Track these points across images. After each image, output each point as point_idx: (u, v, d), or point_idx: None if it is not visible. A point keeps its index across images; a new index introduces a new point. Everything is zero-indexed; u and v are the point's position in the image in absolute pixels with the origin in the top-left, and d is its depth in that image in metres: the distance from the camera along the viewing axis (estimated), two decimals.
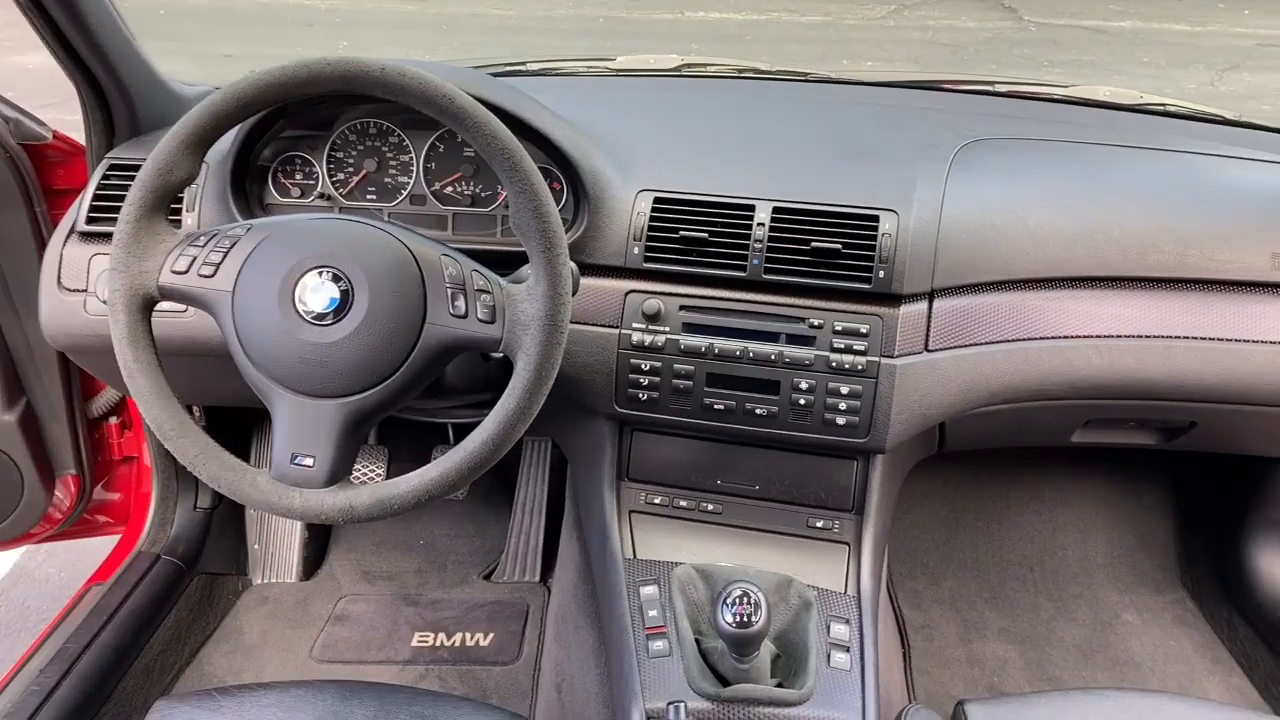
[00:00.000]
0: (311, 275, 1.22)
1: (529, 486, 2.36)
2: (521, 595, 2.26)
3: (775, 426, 1.54)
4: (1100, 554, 2.35)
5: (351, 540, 2.42)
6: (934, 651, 2.11)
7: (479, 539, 2.42)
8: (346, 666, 2.05)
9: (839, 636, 1.48)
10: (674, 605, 1.48)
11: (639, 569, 1.57)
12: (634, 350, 1.54)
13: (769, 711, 1.36)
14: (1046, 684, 2.03)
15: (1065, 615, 2.22)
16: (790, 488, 1.62)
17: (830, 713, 1.37)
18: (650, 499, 1.66)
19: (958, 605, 2.24)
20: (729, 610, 1.29)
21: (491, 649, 2.11)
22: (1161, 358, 1.57)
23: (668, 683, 1.40)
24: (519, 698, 1.97)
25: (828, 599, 1.53)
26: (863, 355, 1.49)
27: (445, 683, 2.01)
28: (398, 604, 2.23)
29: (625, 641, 1.47)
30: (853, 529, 1.61)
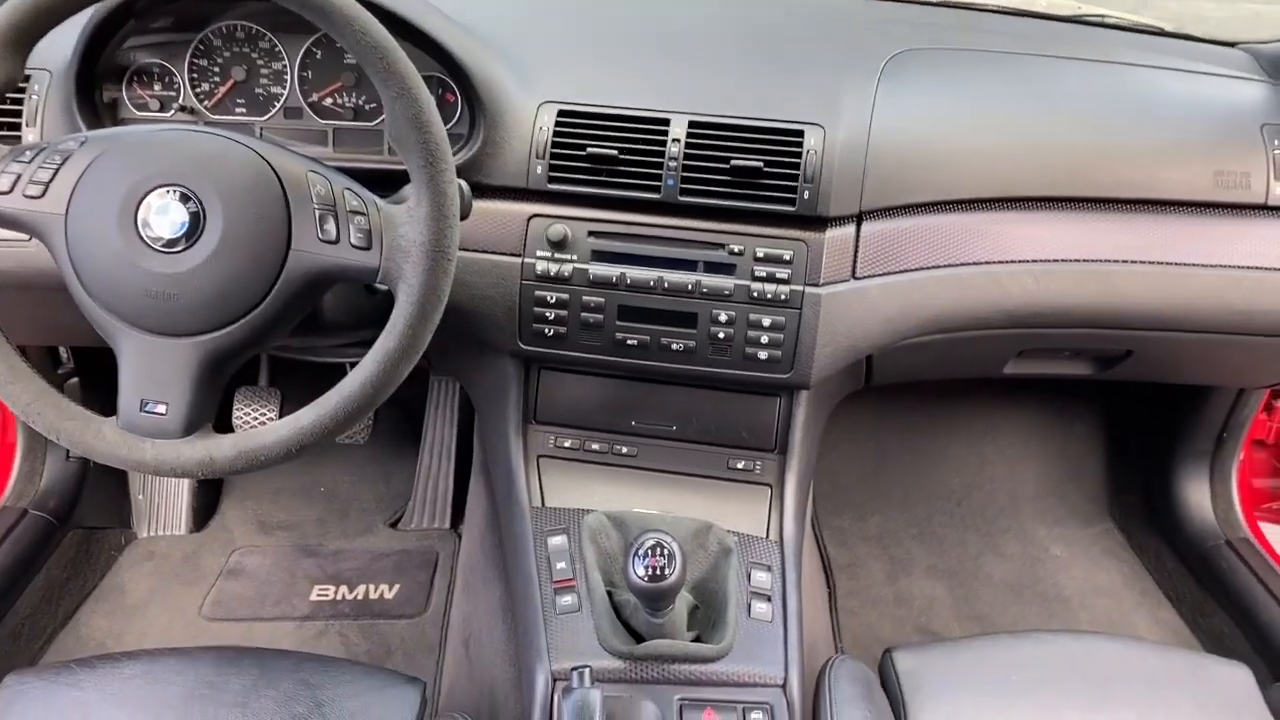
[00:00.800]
0: (156, 195, 1.07)
1: (437, 427, 2.22)
2: (430, 544, 2.14)
3: (693, 362, 1.42)
4: (1029, 486, 2.29)
5: (247, 488, 2.27)
6: (860, 591, 2.04)
7: (384, 484, 2.28)
8: (239, 625, 1.91)
9: (760, 585, 1.38)
10: (584, 556, 1.37)
11: (547, 518, 1.45)
12: (538, 281, 1.40)
13: (685, 669, 1.26)
14: (975, 623, 1.97)
15: (994, 550, 2.16)
16: (709, 427, 1.51)
17: (750, 667, 1.27)
18: (559, 442, 1.53)
19: (884, 542, 2.17)
20: (640, 563, 1.18)
21: (397, 601, 1.98)
22: (1100, 282, 1.48)
23: (576, 640, 1.29)
24: (425, 652, 1.85)
25: (749, 545, 1.43)
26: (785, 284, 1.37)
27: (346, 639, 1.88)
28: (296, 556, 2.09)
29: (530, 596, 1.35)
30: (775, 470, 1.51)
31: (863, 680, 1.32)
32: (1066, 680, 1.34)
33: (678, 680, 1.26)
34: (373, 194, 1.11)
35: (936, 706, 1.31)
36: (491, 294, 1.41)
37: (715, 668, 1.26)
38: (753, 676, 1.27)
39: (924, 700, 1.32)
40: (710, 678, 1.26)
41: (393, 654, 1.85)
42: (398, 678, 1.35)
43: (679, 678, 1.26)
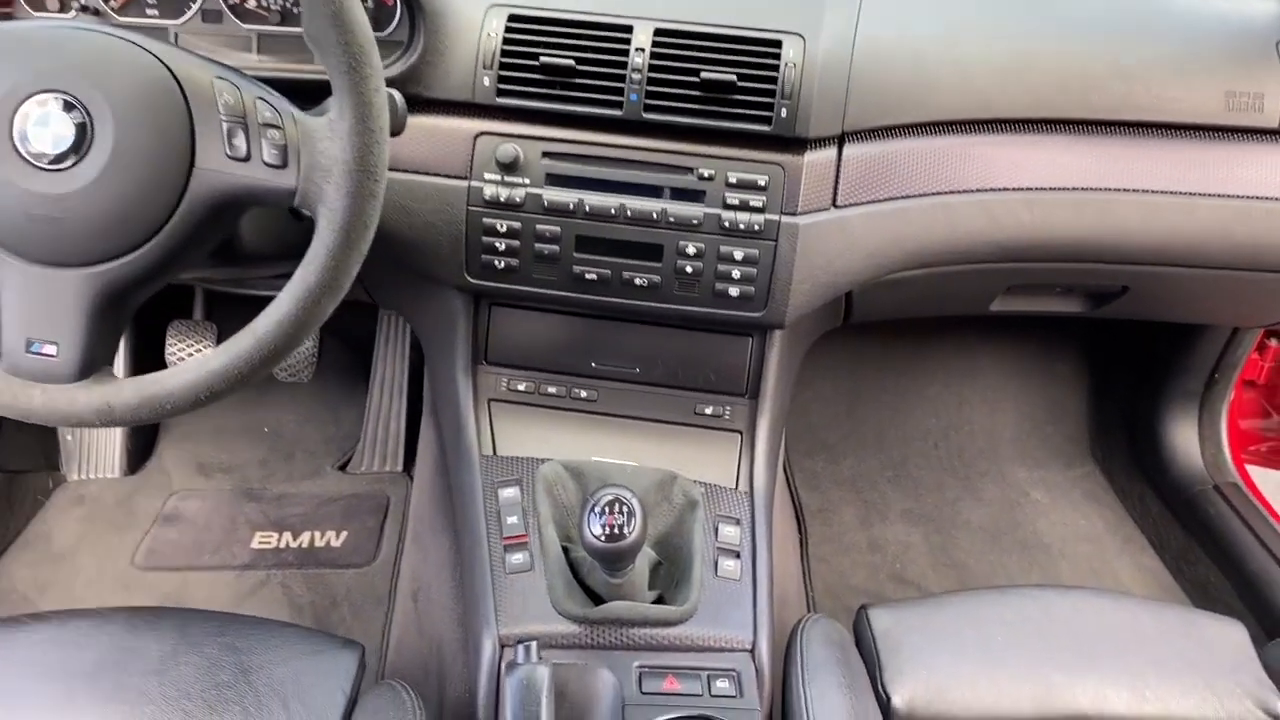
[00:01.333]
0: (34, 102, 0.93)
1: (387, 363, 2.09)
2: (381, 487, 2.02)
3: (658, 299, 1.29)
4: (1009, 427, 2.20)
5: (186, 428, 2.13)
6: (833, 537, 1.95)
7: (333, 424, 2.15)
8: (174, 575, 1.79)
9: (728, 540, 1.28)
10: (538, 510, 1.26)
11: (498, 467, 1.34)
12: (487, 207, 1.27)
13: (646, 633, 1.16)
14: (952, 571, 1.89)
15: (971, 494, 2.08)
16: (675, 370, 1.39)
17: (716, 630, 1.18)
18: (513, 385, 1.41)
19: (858, 486, 2.08)
20: (597, 520, 1.08)
21: (345, 550, 1.87)
22: (1099, 213, 1.36)
23: (527, 603, 1.18)
24: (373, 605, 1.75)
25: (716, 496, 1.32)
26: (760, 213, 1.24)
27: (289, 590, 1.77)
28: (238, 500, 1.97)
29: (478, 554, 1.24)
30: (746, 415, 1.40)
31: (837, 642, 1.23)
32: (1052, 639, 1.26)
33: (637, 645, 1.16)
34: (291, 105, 0.97)
35: (915, 669, 1.22)
36: (434, 221, 1.28)
37: (679, 631, 1.17)
38: (719, 640, 1.17)
39: (902, 662, 1.23)
40: (673, 642, 1.16)
41: (338, 606, 1.75)
42: (333, 641, 1.24)
43: (639, 643, 1.16)
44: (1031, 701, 1.21)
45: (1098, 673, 1.23)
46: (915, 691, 1.21)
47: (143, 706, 1.13)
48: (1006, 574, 1.89)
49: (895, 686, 1.20)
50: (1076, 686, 1.22)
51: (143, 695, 1.14)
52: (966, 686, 1.22)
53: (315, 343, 2.00)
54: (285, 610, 1.73)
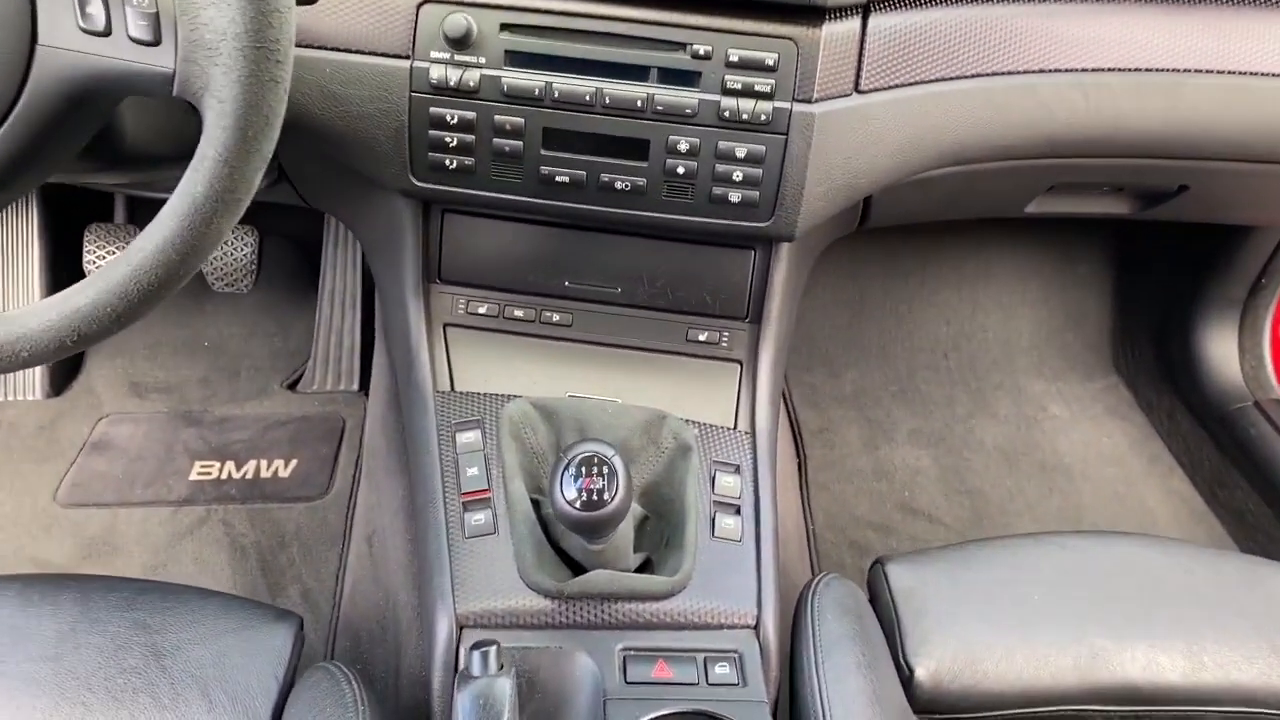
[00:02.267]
0: None
1: (337, 271, 1.86)
2: (335, 409, 1.82)
3: (643, 207, 1.08)
4: (1025, 335, 2.01)
5: (117, 343, 1.91)
6: (834, 461, 1.77)
7: (281, 338, 1.94)
8: (101, 512, 1.60)
9: (727, 492, 1.09)
10: (502, 458, 1.07)
11: (456, 406, 1.14)
12: (434, 94, 1.04)
13: (632, 608, 0.98)
14: (965, 498, 1.72)
15: (985, 410, 1.90)
16: (664, 289, 1.18)
17: (714, 603, 1.00)
18: (472, 308, 1.20)
19: (861, 403, 1.90)
20: (571, 483, 0.89)
21: (294, 480, 1.68)
22: (1166, 98, 1.15)
23: (490, 573, 1.00)
24: (326, 545, 1.57)
25: (713, 438, 1.13)
26: (768, 100, 1.02)
27: (231, 528, 1.58)
28: (175, 425, 1.77)
29: (432, 514, 1.05)
30: (746, 342, 1.20)
31: (853, 611, 1.06)
32: (1097, 597, 1.11)
33: (622, 623, 0.98)
34: None
35: (942, 637, 1.06)
36: (370, 112, 1.05)
37: (670, 605, 0.99)
38: (717, 615, 1.00)
39: (927, 629, 1.07)
40: (663, 619, 0.99)
41: (286, 546, 1.57)
42: (263, 613, 1.06)
43: (623, 620, 0.98)
44: (1075, 671, 1.07)
45: (1149, 637, 1.08)
46: (942, 663, 1.05)
47: (33, 698, 0.96)
48: (1025, 500, 1.72)
49: (919, 658, 1.05)
50: (1125, 652, 1.07)
51: (34, 684, 0.97)
52: (1000, 655, 1.07)
53: (254, 248, 1.77)
54: (226, 552, 1.55)
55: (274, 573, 1.53)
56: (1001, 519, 1.68)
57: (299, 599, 1.49)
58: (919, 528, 1.66)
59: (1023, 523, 1.68)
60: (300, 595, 1.50)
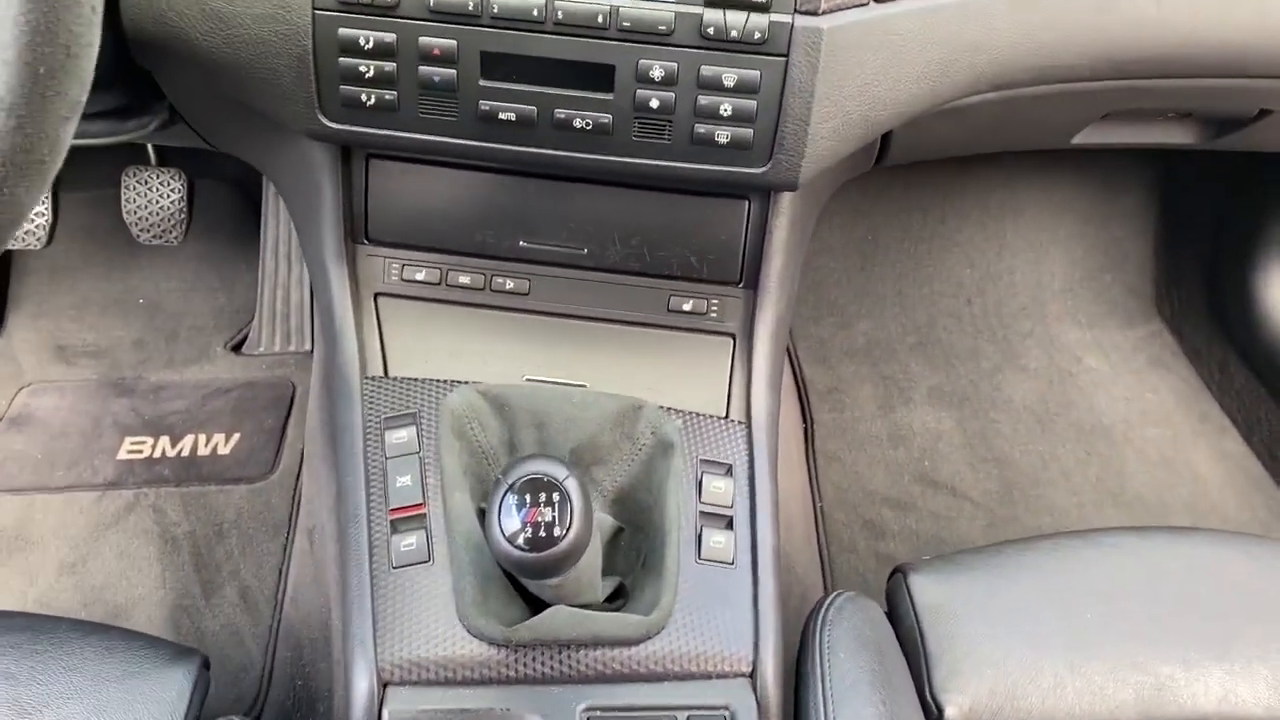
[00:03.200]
0: None
1: (280, 218, 1.65)
2: (284, 373, 1.62)
3: (609, 151, 0.87)
4: (1057, 278, 1.80)
5: (40, 301, 1.71)
6: (845, 426, 1.58)
7: (224, 293, 1.74)
8: (14, 499, 1.42)
9: (716, 500, 0.90)
10: (442, 463, 0.88)
11: (389, 396, 0.94)
12: (343, 11, 0.82)
13: (598, 655, 0.80)
14: (993, 467, 1.53)
15: (1013, 364, 1.70)
16: (640, 248, 0.98)
17: (699, 646, 0.82)
18: (408, 274, 1.00)
19: (875, 357, 1.69)
20: (512, 514, 0.70)
21: (235, 458, 1.49)
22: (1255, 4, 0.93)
23: (422, 615, 0.81)
24: (267, 534, 1.38)
25: (700, 431, 0.94)
26: (763, 11, 0.80)
27: (162, 516, 1.40)
28: (104, 395, 1.57)
29: (353, 539, 0.86)
30: (740, 311, 1.00)
31: (871, 643, 0.87)
32: (1165, 613, 0.95)
33: (585, 676, 0.80)
34: None
35: (978, 666, 0.89)
36: (266, 35, 0.83)
37: (645, 651, 0.81)
38: (704, 661, 0.81)
39: (959, 658, 0.89)
40: (637, 668, 0.80)
41: (224, 537, 1.38)
42: (156, 655, 0.88)
43: (587, 672, 0.80)
44: (1137, 706, 0.91)
45: (1225, 660, 0.93)
46: (977, 699, 0.89)
47: None
48: (1060, 468, 1.53)
49: (949, 693, 0.88)
50: (1197, 683, 0.92)
51: None
52: (1048, 688, 0.90)
53: (182, 193, 1.55)
54: (155, 544, 1.36)
55: (209, 568, 1.35)
56: (1034, 491, 1.49)
57: (236, 599, 1.31)
58: (941, 503, 1.47)
59: (1058, 494, 1.49)
60: (238, 595, 1.32)
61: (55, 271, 1.73)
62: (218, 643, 1.27)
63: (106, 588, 1.32)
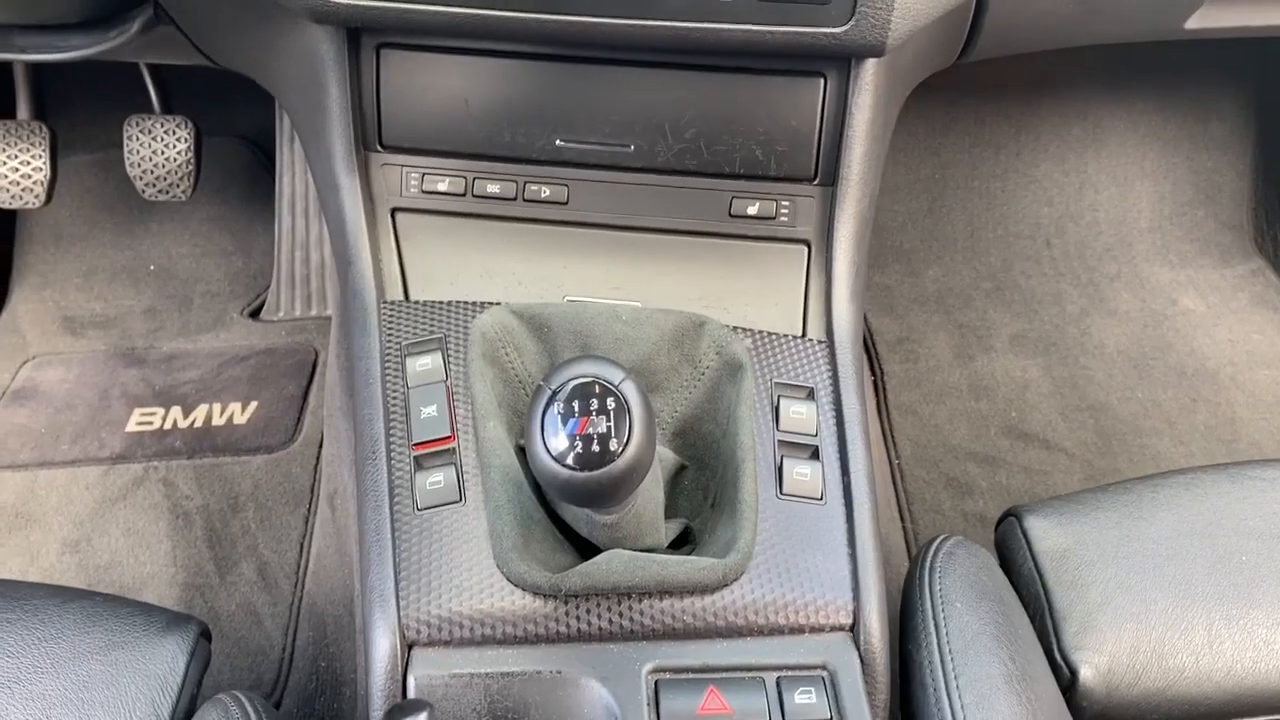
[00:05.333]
0: None
1: (297, 171, 1.52)
2: (305, 339, 1.50)
3: (657, 13, 0.73)
4: (1145, 213, 1.64)
5: (46, 270, 1.61)
6: (920, 378, 1.43)
7: (240, 257, 1.62)
8: (19, 475, 1.30)
9: (798, 428, 0.76)
10: (472, 391, 0.74)
11: (410, 321, 0.81)
12: None
13: (664, 607, 0.66)
14: (1089, 416, 1.37)
15: (1101, 308, 1.54)
16: (696, 141, 0.84)
17: (787, 594, 0.68)
18: (429, 184, 0.87)
19: (948, 305, 1.54)
20: (558, 428, 0.56)
21: (253, 427, 1.37)
22: None
23: (453, 564, 0.68)
24: (288, 506, 1.26)
25: (773, 352, 0.80)
26: None
27: (173, 490, 1.28)
28: (113, 366, 1.46)
29: (371, 478, 0.73)
30: (816, 213, 0.86)
31: (990, 594, 0.74)
32: None
33: (651, 632, 0.66)
34: None
35: (1118, 624, 0.75)
36: None
37: (723, 601, 0.67)
38: (794, 613, 0.67)
39: (1092, 611, 0.77)
40: (712, 621, 0.67)
41: (240, 510, 1.26)
42: (148, 623, 0.77)
43: (653, 626, 0.66)
44: None
45: None
46: (1116, 659, 0.75)
47: None
48: (1163, 415, 1.37)
49: (1082, 652, 0.76)
50: None
51: None
52: (1201, 645, 0.78)
53: (189, 144, 1.43)
54: (166, 519, 1.25)
55: (224, 544, 1.22)
56: (1136, 441, 1.33)
57: (254, 576, 1.19)
58: (1032, 456, 1.31)
59: (1163, 443, 1.33)
60: (256, 571, 1.19)
61: (61, 239, 1.62)
62: (234, 623, 1.15)
63: (113, 566, 1.20)
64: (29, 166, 1.40)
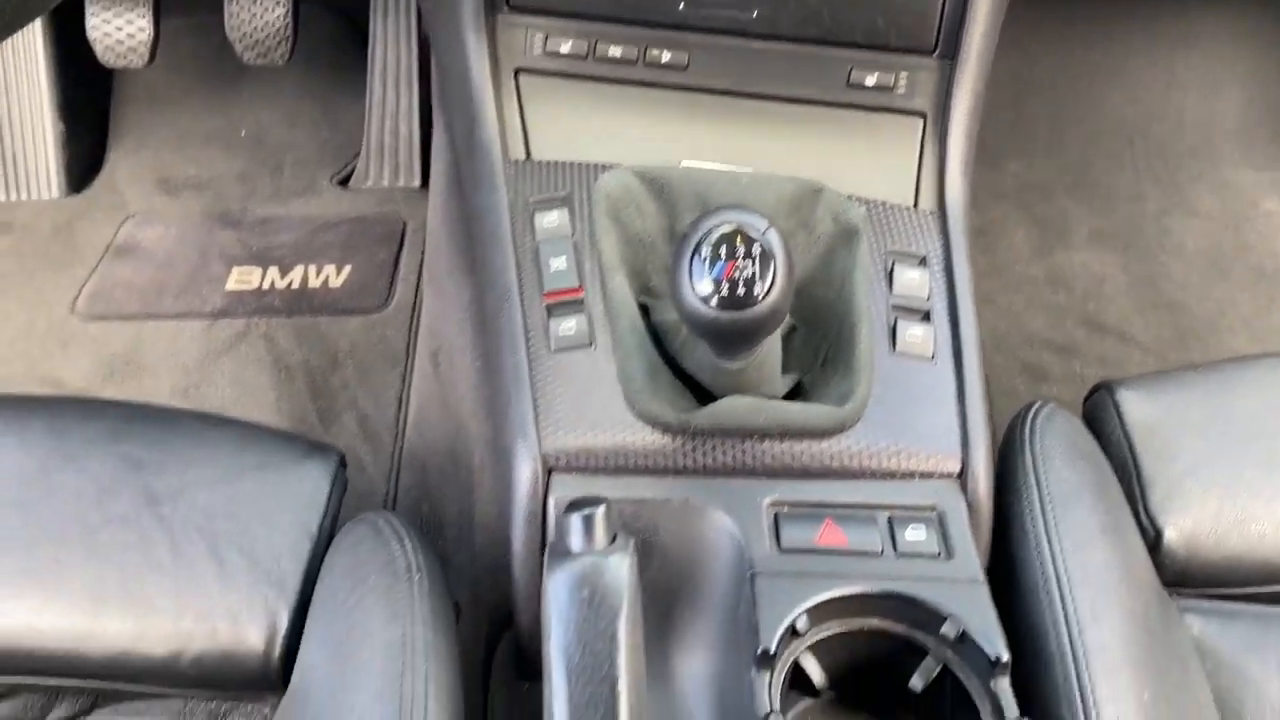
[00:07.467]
0: None
1: (389, 41, 1.54)
2: (394, 208, 1.54)
3: None
4: (1232, 115, 1.63)
5: (142, 134, 1.65)
6: (999, 268, 1.45)
7: (328, 127, 1.65)
8: (126, 325, 1.37)
9: (911, 292, 0.80)
10: (599, 247, 0.78)
11: (535, 179, 0.85)
12: None
13: (783, 449, 0.70)
14: (1165, 312, 1.39)
15: (1182, 207, 1.54)
16: (819, 9, 0.85)
17: (900, 442, 0.72)
18: (553, 45, 0.89)
19: (1027, 199, 1.55)
20: (704, 271, 0.59)
21: (347, 290, 1.42)
22: None
23: (586, 400, 0.72)
24: (386, 365, 1.31)
25: (887, 220, 0.84)
26: None
27: (274, 345, 1.34)
28: (210, 226, 1.51)
29: (506, 320, 0.77)
30: (933, 86, 0.88)
31: (1086, 454, 0.77)
32: None
33: (772, 469, 0.70)
34: None
35: (1203, 489, 0.79)
36: None
37: (839, 445, 0.71)
38: (907, 459, 0.72)
39: (1178, 477, 0.81)
40: (830, 464, 0.71)
41: (340, 366, 1.32)
42: (292, 449, 0.82)
43: (774, 465, 0.71)
44: None
45: None
46: (1200, 522, 0.79)
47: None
48: (1239, 315, 1.39)
49: (1168, 514, 0.79)
50: None
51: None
52: None
53: (288, 10, 1.45)
54: (269, 372, 1.31)
55: (325, 397, 1.29)
56: (1212, 337, 1.35)
57: (355, 428, 1.25)
58: (1108, 347, 1.34)
59: (1238, 342, 1.35)
60: (356, 424, 1.26)
61: (156, 103, 1.66)
62: None
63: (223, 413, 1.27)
64: (133, 26, 1.44)
